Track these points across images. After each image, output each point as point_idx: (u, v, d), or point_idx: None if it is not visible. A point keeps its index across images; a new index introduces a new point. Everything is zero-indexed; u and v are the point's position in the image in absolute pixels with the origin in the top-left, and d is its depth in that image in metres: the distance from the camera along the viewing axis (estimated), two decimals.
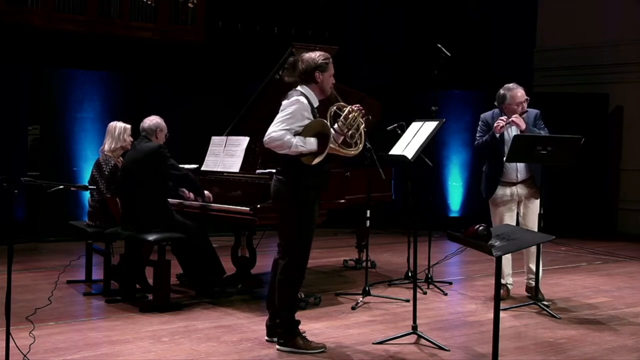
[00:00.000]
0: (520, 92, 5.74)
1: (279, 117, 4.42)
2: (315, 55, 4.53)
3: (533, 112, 5.80)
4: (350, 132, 4.52)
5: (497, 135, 5.66)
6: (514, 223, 5.78)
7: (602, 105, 10.58)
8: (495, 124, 5.65)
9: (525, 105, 5.73)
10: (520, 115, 5.65)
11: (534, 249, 5.69)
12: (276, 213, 4.68)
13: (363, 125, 4.58)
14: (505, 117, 5.65)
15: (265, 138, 4.38)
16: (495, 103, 5.82)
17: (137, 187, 5.60)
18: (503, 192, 5.80)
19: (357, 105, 4.62)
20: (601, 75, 10.53)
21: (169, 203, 5.84)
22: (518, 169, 5.76)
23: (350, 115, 4.53)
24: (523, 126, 5.62)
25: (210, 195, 5.88)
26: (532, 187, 5.81)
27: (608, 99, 10.60)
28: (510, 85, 5.79)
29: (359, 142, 4.55)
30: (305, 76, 4.52)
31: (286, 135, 4.33)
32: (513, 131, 5.71)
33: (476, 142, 5.88)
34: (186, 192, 6.05)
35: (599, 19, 10.68)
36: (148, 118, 5.85)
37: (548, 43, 11.27)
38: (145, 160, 5.62)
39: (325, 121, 4.36)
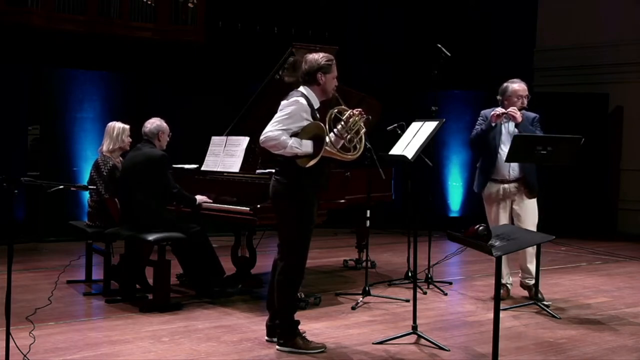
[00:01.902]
0: (522, 86, 5.80)
1: (276, 117, 4.41)
2: (319, 57, 4.50)
3: (531, 115, 5.81)
4: (349, 136, 4.50)
5: (494, 124, 5.68)
6: (506, 220, 5.78)
7: (602, 105, 10.58)
8: (492, 112, 5.68)
9: (525, 100, 5.76)
10: (520, 110, 5.67)
11: (531, 248, 5.70)
12: (275, 213, 4.68)
13: (364, 129, 4.56)
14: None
15: (262, 137, 4.37)
16: (498, 97, 5.84)
17: (137, 187, 5.59)
18: (495, 188, 5.81)
19: (358, 109, 4.59)
20: (601, 75, 10.53)
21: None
22: (511, 167, 5.76)
23: (350, 120, 4.50)
24: (519, 119, 5.63)
25: (205, 199, 5.87)
26: (525, 186, 5.80)
27: (608, 99, 10.60)
28: (515, 79, 5.86)
29: (358, 146, 4.52)
30: (308, 77, 4.50)
31: (282, 136, 4.32)
32: (510, 126, 5.74)
33: (472, 134, 5.89)
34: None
35: (598, 19, 10.68)
36: (149, 121, 5.83)
37: (548, 43, 11.27)
38: (147, 165, 5.62)
39: (322, 124, 4.34)
